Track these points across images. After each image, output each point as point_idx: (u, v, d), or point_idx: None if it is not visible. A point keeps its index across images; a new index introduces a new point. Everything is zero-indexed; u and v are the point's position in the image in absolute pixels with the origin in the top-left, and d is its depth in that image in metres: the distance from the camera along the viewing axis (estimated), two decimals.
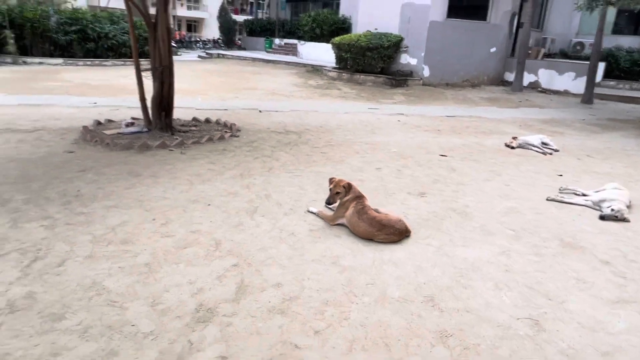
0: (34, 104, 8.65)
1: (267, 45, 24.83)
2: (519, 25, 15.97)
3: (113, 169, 4.91)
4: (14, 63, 15.98)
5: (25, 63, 16.23)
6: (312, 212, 4.01)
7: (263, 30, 26.83)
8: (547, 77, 15.44)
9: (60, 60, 17.07)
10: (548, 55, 17.38)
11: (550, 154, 6.85)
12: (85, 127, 6.50)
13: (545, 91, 15.23)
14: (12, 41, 16.43)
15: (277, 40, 24.48)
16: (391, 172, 5.41)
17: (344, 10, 19.31)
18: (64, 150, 5.56)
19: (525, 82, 15.33)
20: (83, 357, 2.17)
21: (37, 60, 16.77)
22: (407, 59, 15.11)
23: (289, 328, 2.46)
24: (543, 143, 7.09)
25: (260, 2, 36.83)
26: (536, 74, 15.64)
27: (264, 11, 34.48)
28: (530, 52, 16.00)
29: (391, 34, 14.78)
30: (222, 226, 3.66)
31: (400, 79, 14.51)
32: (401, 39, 14.75)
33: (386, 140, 7.16)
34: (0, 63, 15.54)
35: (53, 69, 15.02)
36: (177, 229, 3.56)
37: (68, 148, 5.67)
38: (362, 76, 14.80)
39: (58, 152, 5.51)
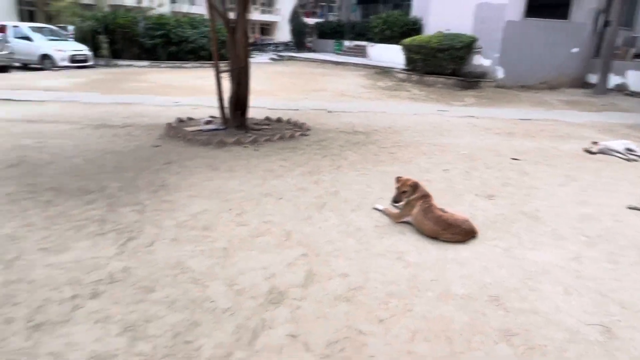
0: (124, 103, 9.49)
1: (336, 47, 25.14)
2: (606, 24, 14.94)
3: (194, 163, 5.32)
4: (107, 65, 17.48)
5: (116, 65, 17.69)
6: (378, 210, 4.12)
7: (333, 32, 27.16)
8: (636, 79, 14.31)
9: (146, 63, 18.42)
10: (638, 56, 16.10)
11: (636, 160, 6.42)
12: (168, 124, 7.05)
13: (633, 94, 14.14)
14: (106, 45, 17.99)
15: (346, 42, 24.70)
16: (459, 174, 5.37)
17: (415, 11, 19.12)
18: (151, 145, 6.09)
19: (611, 85, 14.31)
20: (171, 325, 2.44)
21: (126, 62, 18.22)
22: (479, 60, 14.68)
23: (354, 315, 2.59)
24: (628, 149, 6.65)
25: (331, 5, 37.29)
26: (623, 76, 14.54)
27: (335, 14, 34.89)
28: (617, 52, 14.91)
29: (464, 34, 14.43)
30: (292, 219, 3.87)
31: (471, 80, 14.13)
32: (474, 40, 14.36)
33: (455, 142, 7.07)
34: (95, 65, 17.07)
35: (140, 71, 16.27)
36: (251, 219, 3.82)
37: (154, 142, 6.21)
38: (432, 78, 14.58)
39: (146, 146, 6.04)
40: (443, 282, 2.97)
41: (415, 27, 18.55)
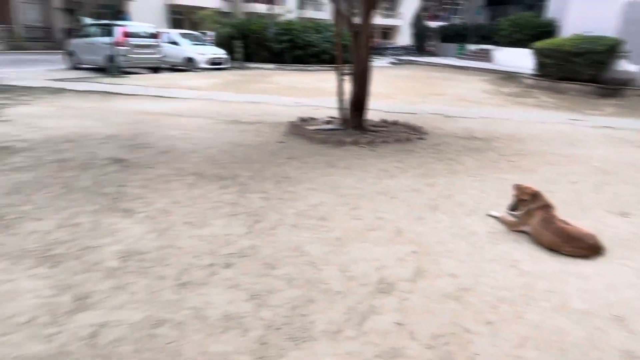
0: (254, 102, 10.36)
1: (458, 51, 24.37)
2: None
3: (314, 159, 5.68)
4: (240, 68, 19.10)
5: (247, 68, 19.26)
6: (493, 216, 4.03)
7: (456, 36, 26.37)
8: None
9: (273, 66, 19.75)
10: None
11: None
12: (292, 123, 7.58)
13: None
14: (240, 49, 19.66)
15: (470, 46, 23.80)
16: (588, 187, 4.98)
17: (550, 12, 17.77)
18: (276, 141, 6.63)
19: None
20: (289, 298, 2.73)
21: (256, 65, 19.74)
22: (625, 66, 13.18)
23: (461, 314, 2.63)
24: None
25: (456, 7, 36.14)
26: None
27: (459, 17, 33.75)
28: None
29: (606, 37, 13.08)
30: (404, 217, 3.98)
31: (613, 88, 12.75)
32: (619, 43, 12.93)
33: (587, 153, 6.52)
34: (230, 67, 18.77)
35: (267, 73, 17.52)
36: (365, 215, 4.01)
37: (279, 139, 6.74)
38: (565, 84, 13.46)
39: (271, 141, 6.59)
40: (560, 294, 2.85)
41: (548, 30, 17.27)
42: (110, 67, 14.63)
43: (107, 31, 15.34)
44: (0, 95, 9.85)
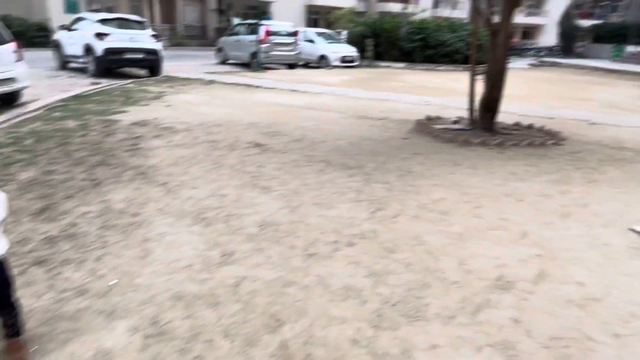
0: (381, 99, 10.58)
1: (615, 53, 21.74)
2: None
3: (438, 157, 5.70)
4: (369, 66, 19.48)
5: (377, 66, 19.56)
6: (637, 231, 3.69)
7: (612, 36, 23.58)
8: None
9: (402, 65, 19.76)
10: None
11: None
12: (418, 120, 7.62)
13: None
14: (371, 48, 20.04)
15: (630, 48, 21.08)
16: None
17: None
18: (401, 137, 6.75)
19: None
20: (406, 281, 2.88)
21: (385, 64, 19.93)
22: None
23: (585, 321, 2.53)
24: None
25: (616, 4, 32.15)
26: None
27: (619, 14, 29.98)
28: None
29: None
30: (531, 221, 3.84)
31: None
32: None
33: None
34: (360, 65, 19.25)
35: (396, 72, 17.61)
36: (487, 214, 3.97)
37: (404, 135, 6.85)
38: None
39: (396, 137, 6.74)
40: None
41: None
42: (253, 63, 16.02)
43: (252, 30, 16.81)
44: (164, 84, 11.48)
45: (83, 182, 4.30)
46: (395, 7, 32.04)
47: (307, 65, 19.24)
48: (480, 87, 6.96)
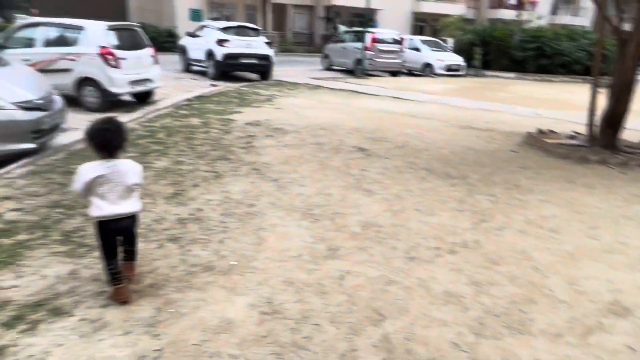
0: (487, 109, 10.22)
1: None
2: None
3: (550, 172, 5.42)
4: (475, 75, 18.82)
5: (483, 75, 18.83)
6: None
7: None
8: None
9: (512, 74, 18.80)
10: None
11: None
12: (529, 133, 7.27)
13: None
14: (479, 56, 19.33)
15: None
16: None
17: None
18: (509, 149, 6.51)
19: None
20: (510, 294, 2.84)
21: (492, 73, 19.11)
22: None
23: None
24: None
25: None
26: None
27: None
28: None
29: None
30: None
31: None
32: None
33: None
34: (465, 74, 18.68)
35: (505, 82, 16.81)
36: (603, 235, 3.73)
37: (512, 148, 6.60)
38: None
39: (504, 149, 6.51)
40: None
41: None
42: (358, 70, 16.33)
43: (358, 37, 17.12)
44: (274, 88, 12.19)
45: (206, 173, 4.81)
46: (508, 14, 30.50)
47: (410, 73, 19.11)
48: (602, 101, 6.46)
